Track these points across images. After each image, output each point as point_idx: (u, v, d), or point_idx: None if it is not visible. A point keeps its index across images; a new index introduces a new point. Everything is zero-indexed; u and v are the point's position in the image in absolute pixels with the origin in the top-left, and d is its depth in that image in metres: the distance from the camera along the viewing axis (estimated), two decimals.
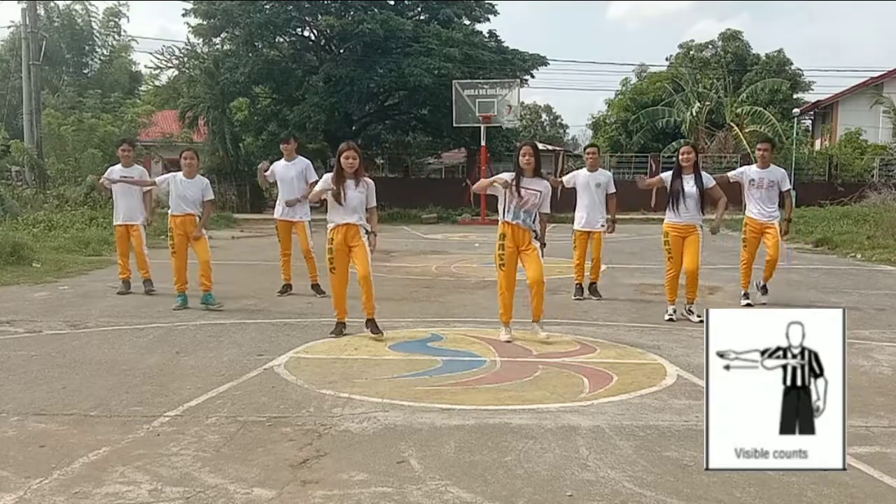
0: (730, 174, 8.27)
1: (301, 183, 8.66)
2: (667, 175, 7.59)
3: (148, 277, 8.96)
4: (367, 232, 6.42)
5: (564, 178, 8.92)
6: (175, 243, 7.87)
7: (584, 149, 9.18)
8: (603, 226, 8.67)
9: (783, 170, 8.39)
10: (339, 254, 6.40)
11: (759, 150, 8.19)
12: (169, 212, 7.97)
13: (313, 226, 8.87)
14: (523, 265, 6.35)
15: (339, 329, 6.52)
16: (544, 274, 6.32)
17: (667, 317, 7.33)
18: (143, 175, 9.07)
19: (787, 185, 8.06)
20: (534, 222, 6.25)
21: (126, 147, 9.15)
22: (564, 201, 8.88)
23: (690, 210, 7.32)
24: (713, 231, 7.63)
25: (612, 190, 8.78)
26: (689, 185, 7.30)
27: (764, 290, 8.16)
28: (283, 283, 8.91)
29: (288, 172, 8.70)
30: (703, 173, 7.47)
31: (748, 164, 8.61)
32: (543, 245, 6.33)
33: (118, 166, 9.04)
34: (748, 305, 7.87)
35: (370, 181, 6.50)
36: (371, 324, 6.43)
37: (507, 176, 6.31)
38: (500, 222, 6.34)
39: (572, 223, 8.82)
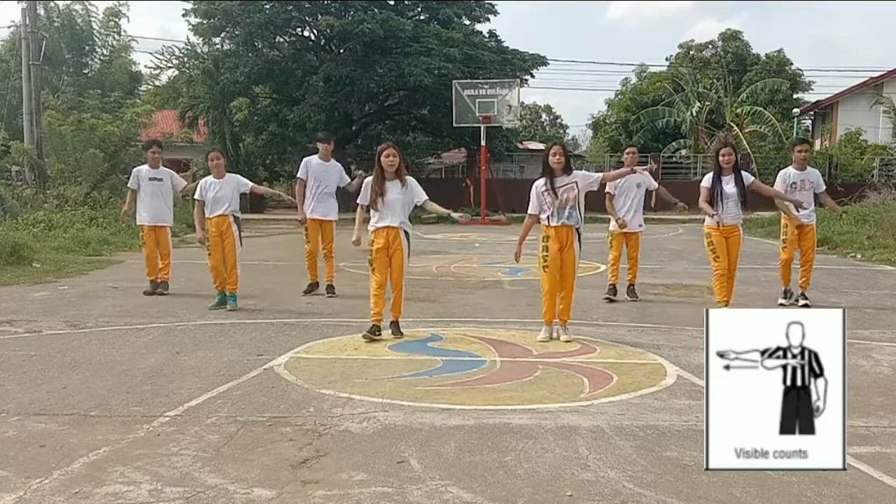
0: (777, 189, 8.19)
1: (335, 184, 8.72)
2: (707, 178, 7.52)
3: (166, 280, 8.94)
4: (406, 234, 6.38)
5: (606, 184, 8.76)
6: (210, 244, 7.91)
7: (624, 149, 9.10)
8: (641, 226, 8.65)
9: (817, 171, 8.43)
10: (381, 256, 6.35)
11: (800, 151, 8.15)
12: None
13: (338, 226, 8.91)
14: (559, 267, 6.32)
15: (374, 331, 6.29)
16: (576, 275, 6.34)
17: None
18: (172, 177, 9.06)
19: (822, 187, 8.13)
20: (580, 215, 6.21)
21: (155, 149, 9.14)
22: (598, 202, 8.75)
23: (731, 211, 7.28)
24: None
25: (655, 185, 8.81)
26: (730, 186, 7.25)
27: (804, 297, 8.11)
28: (308, 283, 8.86)
29: (324, 172, 8.69)
30: (743, 172, 7.46)
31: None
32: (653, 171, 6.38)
33: (145, 167, 9.02)
34: (781, 305, 7.87)
35: (412, 179, 6.48)
36: (394, 325, 6.48)
37: (539, 183, 6.29)
38: (542, 227, 6.29)
39: (608, 223, 8.79)
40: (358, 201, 6.54)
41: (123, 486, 3.34)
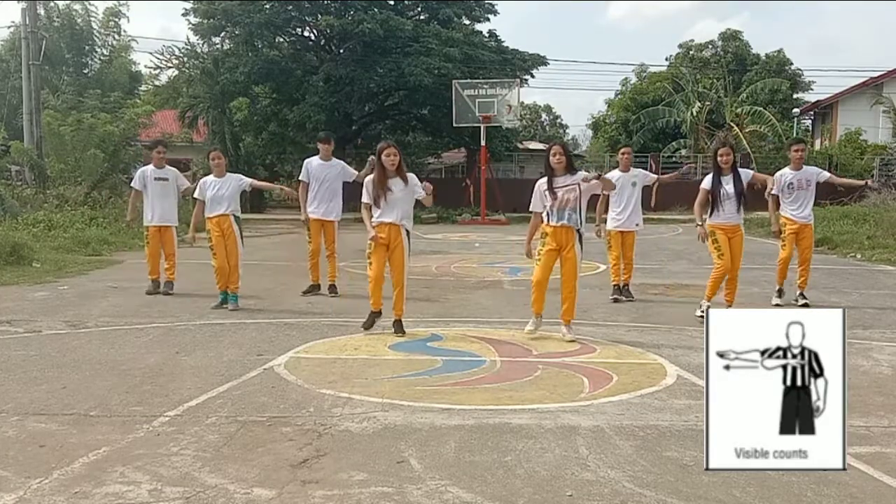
0: (772, 191, 8.14)
1: (339, 183, 8.72)
2: (707, 179, 7.53)
3: (172, 280, 8.93)
4: (407, 232, 6.45)
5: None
6: (213, 244, 7.92)
7: (618, 150, 9.23)
8: (638, 225, 8.66)
9: (814, 167, 8.43)
10: (379, 250, 6.42)
11: (796, 151, 8.13)
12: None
13: (341, 226, 8.93)
14: (560, 267, 6.35)
15: (372, 319, 6.53)
16: (578, 275, 6.36)
17: (699, 312, 7.15)
18: (177, 177, 9.10)
19: (825, 175, 8.21)
20: (580, 217, 6.24)
21: (161, 149, 9.14)
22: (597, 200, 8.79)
23: (731, 210, 7.29)
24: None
25: (654, 176, 8.88)
26: (729, 185, 7.26)
27: (803, 297, 8.11)
28: (309, 284, 8.84)
29: (325, 172, 8.69)
30: (741, 170, 7.47)
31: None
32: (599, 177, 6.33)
33: (150, 167, 9.03)
34: (778, 306, 7.86)
35: (412, 175, 6.54)
36: (397, 324, 6.51)
37: (542, 182, 6.34)
38: (543, 224, 6.34)
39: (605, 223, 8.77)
40: (362, 200, 6.57)
41: (123, 486, 3.34)
